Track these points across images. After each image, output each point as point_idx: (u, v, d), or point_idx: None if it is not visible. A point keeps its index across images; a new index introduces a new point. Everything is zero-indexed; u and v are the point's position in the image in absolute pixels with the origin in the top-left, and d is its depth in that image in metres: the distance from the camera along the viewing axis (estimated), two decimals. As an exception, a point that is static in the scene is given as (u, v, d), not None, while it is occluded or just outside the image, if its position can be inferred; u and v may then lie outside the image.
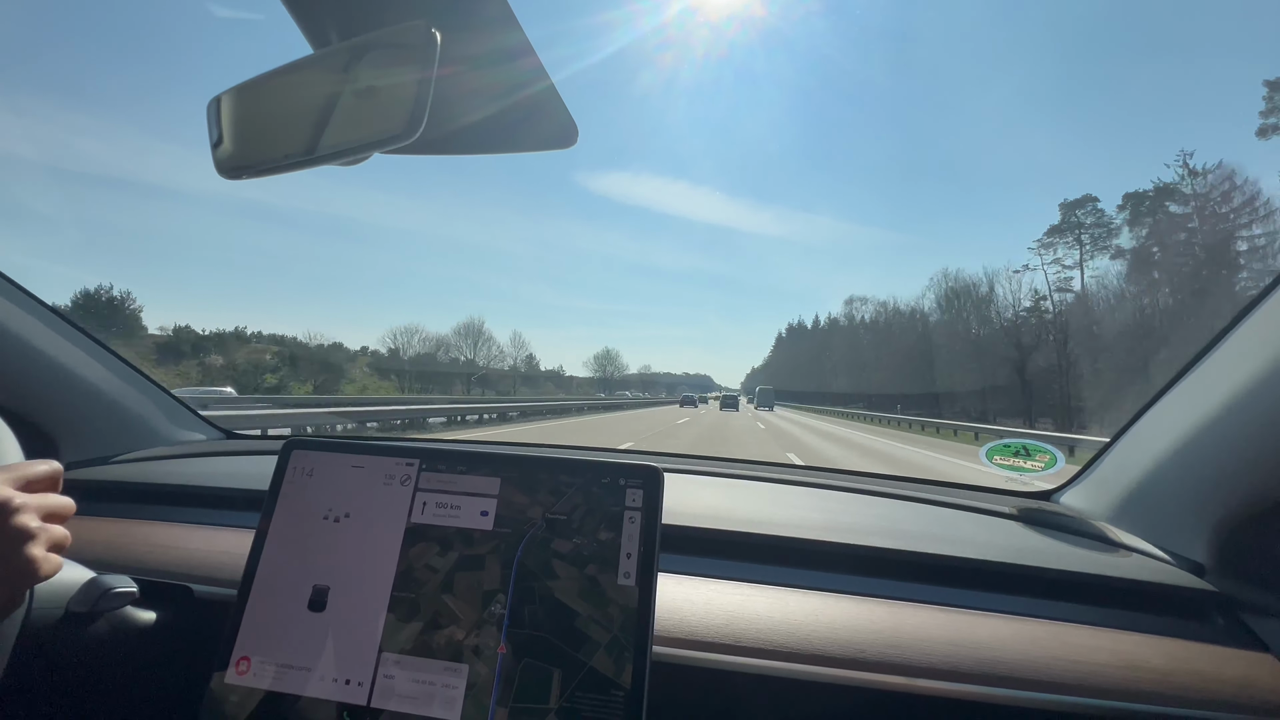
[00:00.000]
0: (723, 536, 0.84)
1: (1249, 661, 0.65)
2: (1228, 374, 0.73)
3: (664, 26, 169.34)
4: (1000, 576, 0.77)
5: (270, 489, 0.65)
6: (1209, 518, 0.74)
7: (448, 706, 0.54)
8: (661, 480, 0.61)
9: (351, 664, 0.57)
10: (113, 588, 0.65)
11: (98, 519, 0.92)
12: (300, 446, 0.67)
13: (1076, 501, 1.02)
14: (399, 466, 0.65)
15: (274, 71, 0.50)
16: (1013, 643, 0.66)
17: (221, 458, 1.19)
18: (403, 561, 0.60)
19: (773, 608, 0.71)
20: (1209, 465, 0.75)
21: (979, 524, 0.95)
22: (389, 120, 0.44)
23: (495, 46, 0.52)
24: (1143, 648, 0.66)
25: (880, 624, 0.69)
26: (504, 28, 0.49)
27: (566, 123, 0.58)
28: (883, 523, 0.92)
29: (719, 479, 1.13)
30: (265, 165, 0.50)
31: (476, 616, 0.57)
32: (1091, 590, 0.75)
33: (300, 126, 0.48)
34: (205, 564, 0.80)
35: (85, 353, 1.11)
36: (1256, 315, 0.72)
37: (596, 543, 0.59)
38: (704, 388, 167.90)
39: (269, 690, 0.57)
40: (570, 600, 0.57)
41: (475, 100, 0.55)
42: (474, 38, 0.50)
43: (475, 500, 0.62)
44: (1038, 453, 1.08)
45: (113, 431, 1.17)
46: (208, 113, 0.51)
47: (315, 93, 0.48)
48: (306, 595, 0.60)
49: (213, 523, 0.91)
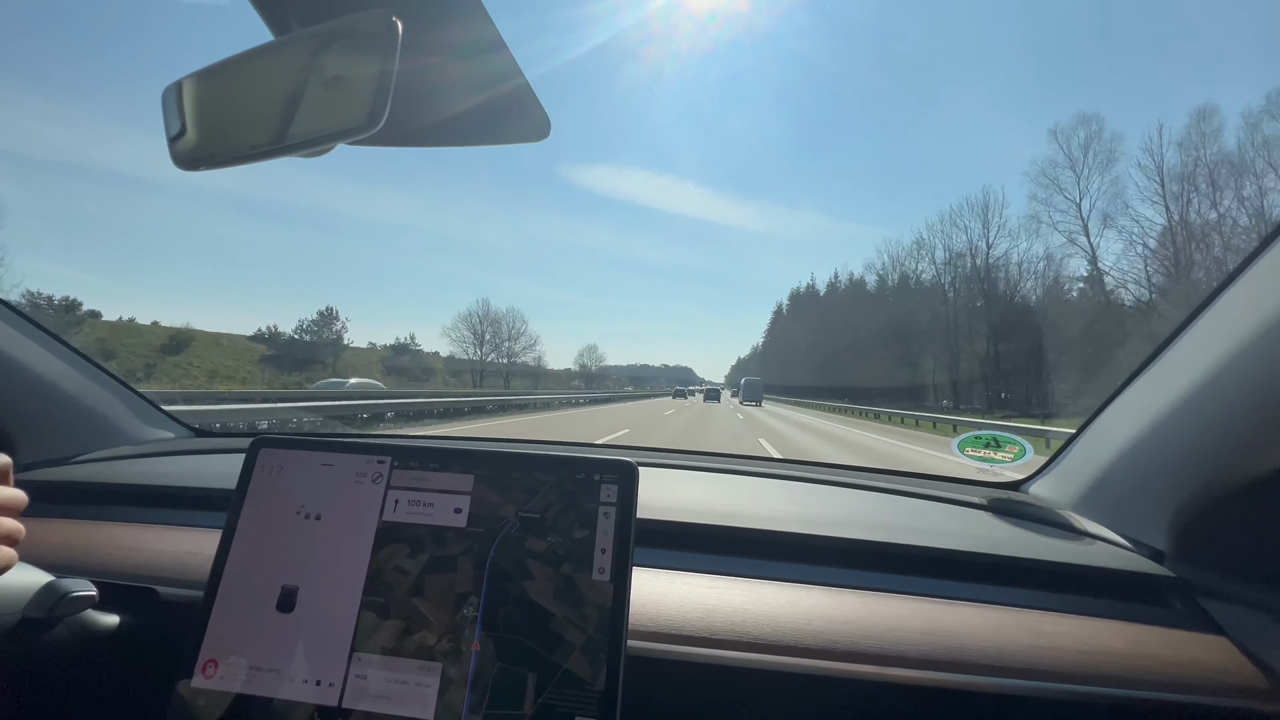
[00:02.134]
0: (699, 530, 0.84)
1: (1205, 645, 0.67)
2: (1187, 367, 0.75)
3: (647, 20, 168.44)
4: (970, 566, 0.79)
5: (237, 487, 0.64)
6: (1168, 506, 0.77)
7: (421, 706, 0.54)
8: (636, 475, 0.61)
9: (322, 665, 0.56)
10: (71, 591, 0.63)
11: (58, 521, 0.89)
12: (268, 444, 0.66)
13: (1044, 491, 1.05)
14: (370, 464, 0.64)
15: (232, 59, 0.48)
16: (982, 630, 0.68)
17: (188, 456, 1.16)
18: (373, 563, 0.60)
19: (748, 600, 0.72)
20: (1168, 455, 0.77)
21: (950, 514, 0.97)
22: (350, 112, 0.42)
23: (463, 36, 0.51)
24: (1105, 633, 0.68)
25: (853, 614, 0.70)
26: (472, 18, 0.48)
27: (539, 115, 0.57)
28: (857, 514, 0.94)
29: (695, 473, 1.13)
30: (224, 156, 0.48)
31: (449, 620, 0.57)
32: (1057, 578, 0.77)
33: (259, 117, 0.47)
34: (171, 565, 0.79)
35: (43, 348, 1.07)
36: (1212, 310, 0.74)
37: (571, 541, 0.58)
38: (685, 380, 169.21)
39: (238, 693, 0.56)
40: (545, 601, 0.56)
41: (444, 91, 0.54)
42: (441, 27, 0.49)
43: (448, 498, 0.62)
44: (1008, 444, 1.11)
45: (74, 430, 1.14)
46: (164, 101, 0.49)
47: (275, 82, 0.46)
48: (275, 596, 0.59)
49: (179, 523, 0.89)
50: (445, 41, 0.49)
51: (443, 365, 65.02)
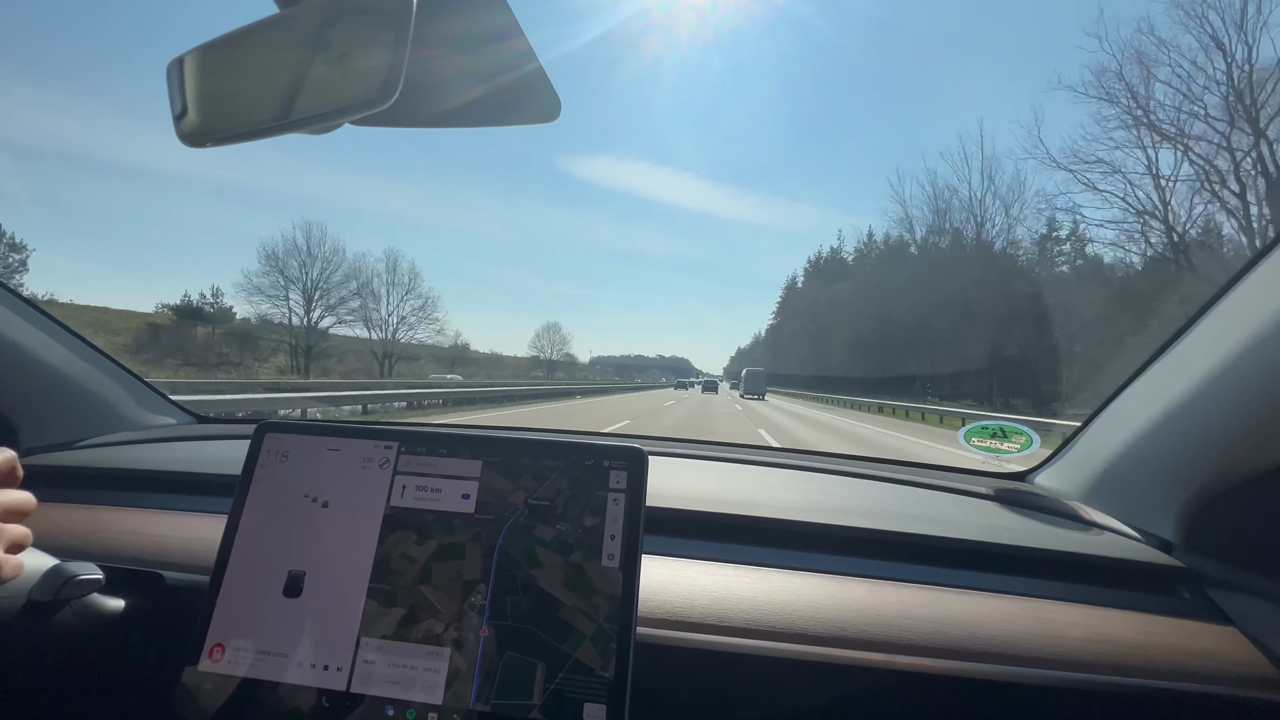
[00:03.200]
0: (707, 518, 0.84)
1: (1214, 634, 0.67)
2: (1198, 357, 0.74)
3: (648, 9, 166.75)
4: (978, 555, 0.79)
5: (243, 472, 0.63)
6: (1177, 497, 0.76)
7: (429, 691, 0.54)
8: (646, 461, 0.60)
9: (329, 649, 0.56)
10: (76, 575, 0.63)
11: (62, 505, 0.89)
12: (274, 429, 0.65)
13: (1051, 482, 1.05)
14: (377, 449, 0.63)
15: (239, 31, 0.47)
16: (990, 619, 0.68)
17: (192, 442, 1.16)
18: (380, 549, 0.59)
19: (756, 588, 0.71)
20: (1177, 446, 0.77)
21: (957, 504, 0.97)
22: (362, 85, 0.41)
23: (477, 13, 0.49)
24: (1113, 622, 0.68)
25: (862, 602, 0.70)
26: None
27: (549, 96, 0.56)
28: (864, 504, 0.93)
29: (702, 461, 1.13)
30: (230, 133, 0.47)
31: (456, 608, 0.56)
32: (1065, 567, 0.77)
33: (268, 91, 0.46)
34: (176, 550, 0.78)
35: (46, 334, 1.06)
36: (1226, 300, 0.74)
37: (581, 529, 0.58)
38: (682, 372, 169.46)
39: (244, 677, 0.56)
40: (554, 590, 0.56)
41: (453, 71, 0.53)
42: (454, 4, 0.48)
43: (456, 483, 0.61)
44: (1014, 434, 1.10)
45: (77, 416, 1.13)
46: (168, 76, 0.48)
47: (283, 55, 0.45)
48: (282, 581, 0.59)
49: (184, 508, 0.89)
50: (457, 17, 0.48)
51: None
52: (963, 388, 38.91)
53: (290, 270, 41.97)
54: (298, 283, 42.23)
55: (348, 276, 44.53)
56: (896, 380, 45.38)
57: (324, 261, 43.28)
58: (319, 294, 42.91)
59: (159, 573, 0.74)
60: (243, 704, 0.55)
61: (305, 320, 42.20)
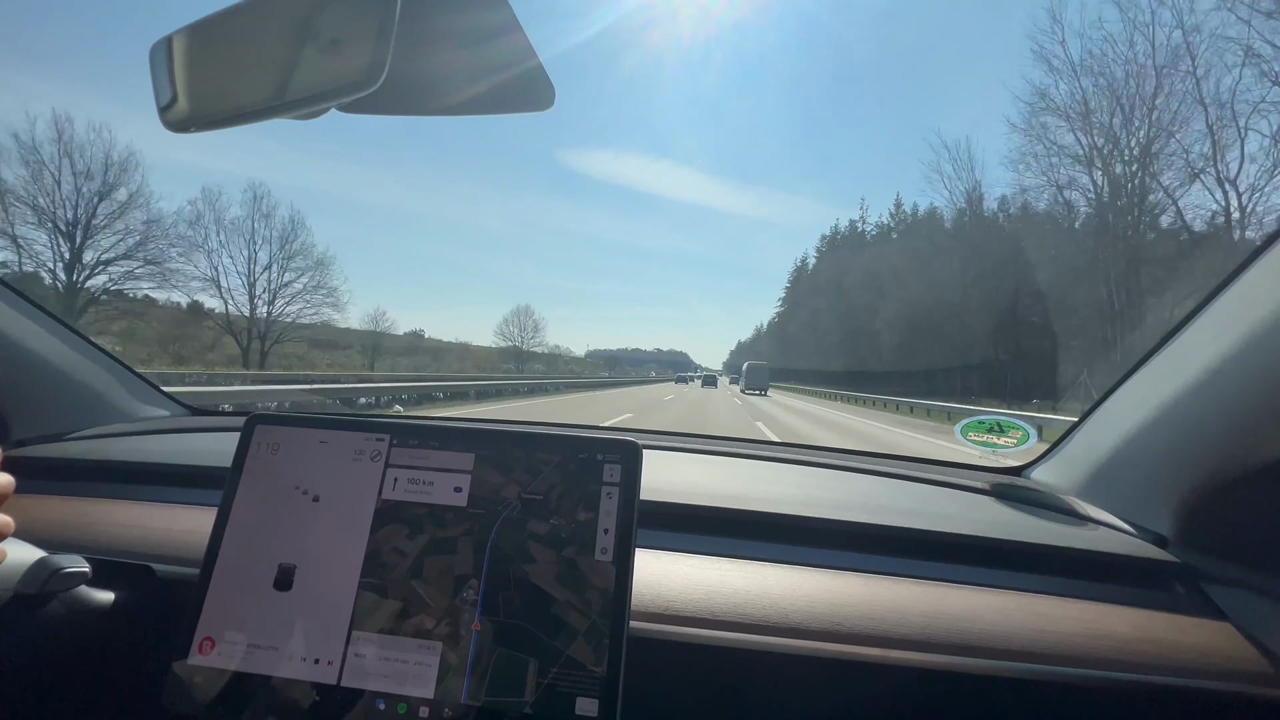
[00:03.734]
0: (702, 512, 0.83)
1: (1208, 629, 0.67)
2: (1195, 353, 0.74)
3: (651, 3, 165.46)
4: (973, 550, 0.79)
5: (233, 465, 0.63)
6: (1172, 492, 0.76)
7: (421, 685, 0.53)
8: (640, 455, 0.60)
9: (320, 643, 0.56)
10: (63, 568, 0.62)
11: (51, 498, 0.88)
12: (264, 421, 0.65)
13: (1046, 477, 1.05)
14: (369, 442, 0.63)
15: (224, 11, 0.45)
16: (985, 614, 0.68)
17: (184, 434, 1.15)
18: (371, 543, 0.59)
19: (751, 582, 0.71)
20: (1173, 442, 0.77)
21: (953, 499, 0.97)
22: (348, 68, 0.40)
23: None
24: (1108, 617, 0.68)
25: (856, 597, 0.69)
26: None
27: (544, 85, 0.55)
28: (859, 498, 0.93)
29: (698, 455, 1.13)
30: (215, 117, 0.46)
31: (448, 603, 0.56)
32: (1060, 562, 0.77)
33: (253, 74, 0.44)
34: (167, 543, 0.78)
35: (37, 325, 1.05)
36: (1223, 297, 0.73)
37: (575, 524, 0.57)
38: (680, 366, 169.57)
39: (235, 670, 0.56)
40: (547, 585, 0.56)
41: (443, 54, 0.51)
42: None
43: (449, 476, 0.60)
44: (1011, 429, 1.10)
45: (68, 407, 1.12)
46: (151, 58, 0.47)
47: (269, 37, 0.44)
48: (272, 574, 0.58)
49: (174, 500, 0.88)
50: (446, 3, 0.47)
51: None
52: (1036, 385, 31.33)
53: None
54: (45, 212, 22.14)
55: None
56: (925, 374, 39.90)
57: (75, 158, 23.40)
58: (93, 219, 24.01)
59: (149, 565, 0.73)
60: (233, 697, 0.55)
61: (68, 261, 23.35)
